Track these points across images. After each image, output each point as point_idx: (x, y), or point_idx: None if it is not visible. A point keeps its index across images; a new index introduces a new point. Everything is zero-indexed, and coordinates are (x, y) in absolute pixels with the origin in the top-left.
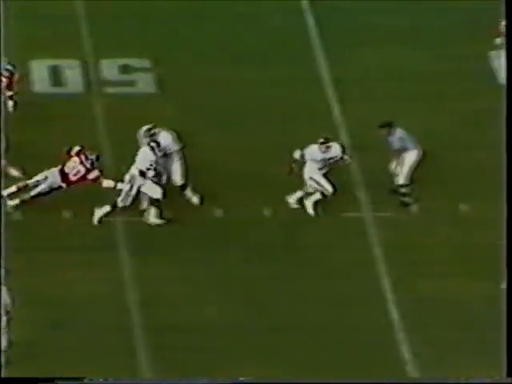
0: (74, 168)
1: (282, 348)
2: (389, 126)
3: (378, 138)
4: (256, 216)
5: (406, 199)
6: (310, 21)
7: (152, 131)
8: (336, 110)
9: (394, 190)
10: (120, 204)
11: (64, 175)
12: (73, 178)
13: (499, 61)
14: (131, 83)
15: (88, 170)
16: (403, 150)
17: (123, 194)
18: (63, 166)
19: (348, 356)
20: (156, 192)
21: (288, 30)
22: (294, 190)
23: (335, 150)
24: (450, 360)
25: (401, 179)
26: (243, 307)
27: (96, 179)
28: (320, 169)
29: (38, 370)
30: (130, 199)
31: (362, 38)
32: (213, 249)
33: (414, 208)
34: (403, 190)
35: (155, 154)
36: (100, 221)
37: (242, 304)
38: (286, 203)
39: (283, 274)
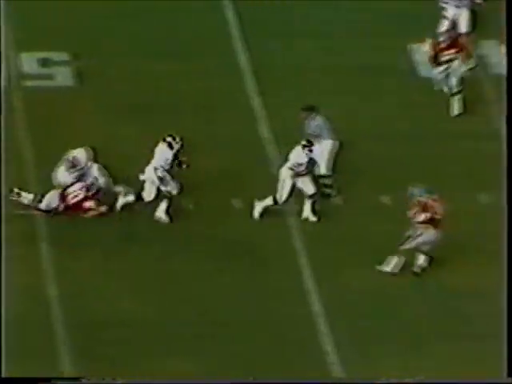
0: (74, 191)
1: (206, 341)
2: (311, 109)
3: (298, 129)
4: (178, 209)
5: (328, 190)
6: (230, 13)
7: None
8: (256, 102)
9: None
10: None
11: (64, 196)
12: (71, 201)
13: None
14: (50, 76)
15: (86, 198)
16: (318, 137)
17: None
18: (66, 188)
19: (271, 348)
20: (148, 195)
21: (208, 22)
22: (220, 182)
23: (315, 151)
24: (372, 350)
25: (322, 169)
26: (166, 301)
27: (88, 210)
28: (297, 172)
29: None
30: (169, 184)
31: (283, 30)
32: (136, 242)
33: (337, 199)
34: (325, 181)
35: (171, 149)
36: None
37: (165, 298)
38: (208, 196)
39: (206, 267)
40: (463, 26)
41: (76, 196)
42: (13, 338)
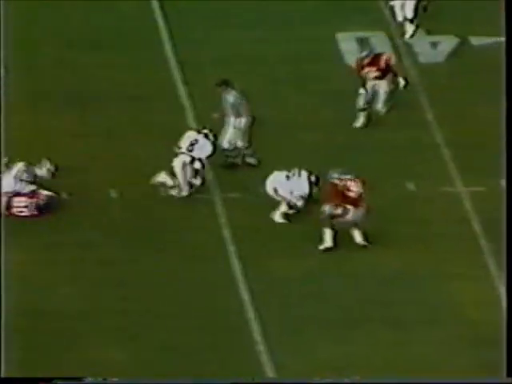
0: (18, 207)
1: (139, 331)
2: (225, 84)
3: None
4: (104, 198)
5: (231, 160)
6: (156, 4)
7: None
8: (182, 92)
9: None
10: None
11: (9, 206)
12: (14, 213)
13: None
14: None
15: (31, 216)
16: (236, 112)
17: (180, 185)
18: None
19: (201, 337)
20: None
21: (134, 13)
22: (147, 170)
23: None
24: (302, 339)
25: (225, 144)
26: (99, 290)
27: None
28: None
29: None
30: (186, 188)
31: (209, 21)
32: (67, 232)
33: (263, 188)
34: (227, 153)
35: (207, 139)
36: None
37: (98, 287)
38: (136, 184)
39: (137, 256)
40: (409, 14)
41: (20, 212)
42: None
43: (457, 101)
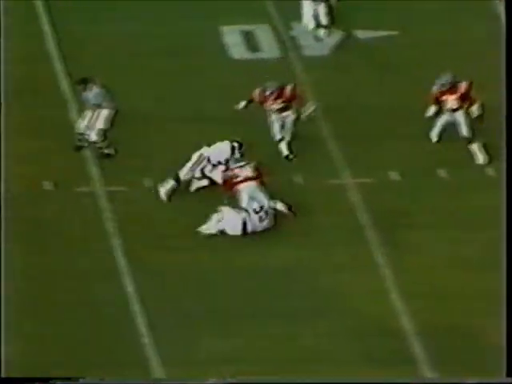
0: None
1: (21, 323)
2: (84, 82)
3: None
4: None
5: (106, 150)
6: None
7: None
8: (64, 85)
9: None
10: (182, 177)
11: None
12: None
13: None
14: None
15: None
16: (98, 106)
17: (186, 168)
18: None
19: (85, 330)
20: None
21: (16, 7)
22: (31, 164)
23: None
24: (189, 331)
25: (93, 136)
26: None
27: None
28: None
29: None
30: (190, 174)
31: (91, 15)
32: None
33: (148, 181)
34: (99, 145)
35: (232, 154)
36: (170, 198)
37: None
38: (19, 178)
39: (19, 250)
40: (324, 21)
41: None
42: None
43: (342, 93)
